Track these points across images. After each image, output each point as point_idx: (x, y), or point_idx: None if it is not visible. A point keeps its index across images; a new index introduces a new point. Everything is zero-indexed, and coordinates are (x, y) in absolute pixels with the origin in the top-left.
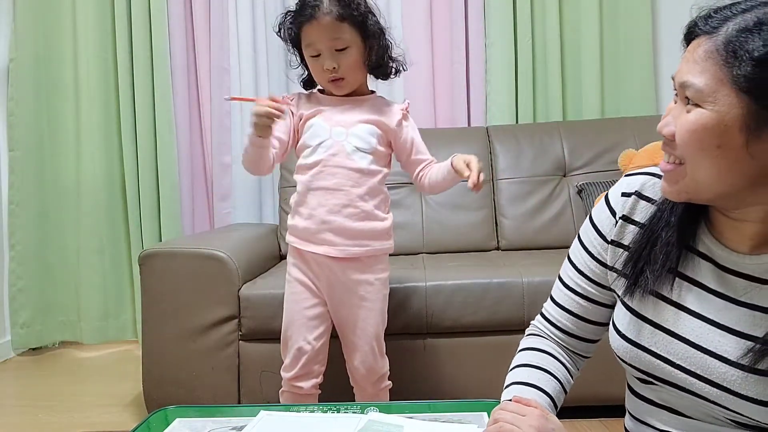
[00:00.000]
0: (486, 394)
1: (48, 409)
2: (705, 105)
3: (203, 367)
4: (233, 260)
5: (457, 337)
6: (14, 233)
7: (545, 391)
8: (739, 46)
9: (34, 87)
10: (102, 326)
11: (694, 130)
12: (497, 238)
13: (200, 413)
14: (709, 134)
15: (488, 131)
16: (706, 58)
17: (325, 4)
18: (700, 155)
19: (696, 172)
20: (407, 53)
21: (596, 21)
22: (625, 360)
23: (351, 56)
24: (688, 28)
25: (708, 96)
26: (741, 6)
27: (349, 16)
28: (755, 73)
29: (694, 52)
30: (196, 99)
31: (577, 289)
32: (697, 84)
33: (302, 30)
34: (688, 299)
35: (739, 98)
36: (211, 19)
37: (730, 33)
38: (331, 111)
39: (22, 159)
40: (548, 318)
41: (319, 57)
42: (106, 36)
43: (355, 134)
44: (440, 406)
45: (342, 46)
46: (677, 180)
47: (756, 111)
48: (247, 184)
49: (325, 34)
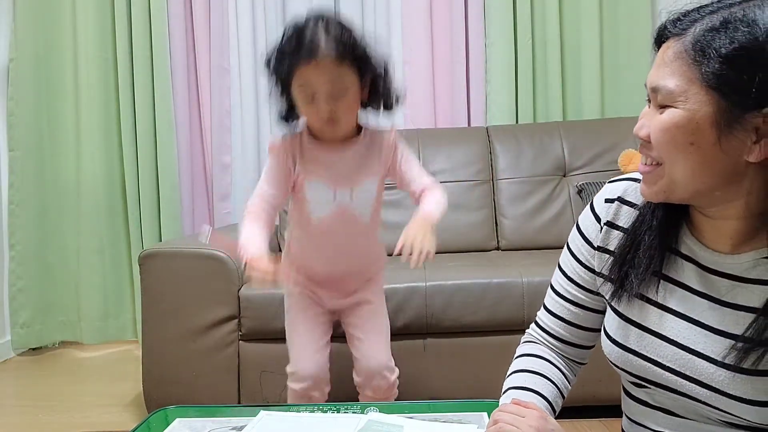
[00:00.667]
0: (486, 394)
1: (48, 409)
2: (676, 104)
3: (203, 367)
4: (233, 260)
5: (457, 337)
6: (14, 233)
7: (543, 395)
8: (706, 44)
9: (34, 87)
10: (102, 326)
11: (667, 129)
12: (497, 238)
13: (200, 413)
14: (681, 132)
15: (488, 131)
16: (675, 58)
17: (324, 43)
18: (674, 154)
19: (673, 172)
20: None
21: (596, 21)
22: (617, 364)
23: (349, 99)
24: (658, 32)
25: (679, 96)
26: (708, 8)
27: (350, 55)
28: (723, 70)
29: (663, 55)
30: (196, 99)
31: (568, 296)
32: (667, 86)
33: (296, 70)
34: (673, 301)
35: (708, 96)
36: (211, 19)
37: (698, 33)
38: (329, 165)
39: (22, 159)
40: (542, 326)
41: (313, 99)
42: (106, 36)
43: (359, 196)
44: (440, 406)
45: (340, 90)
46: (655, 181)
47: (725, 108)
48: (247, 184)
49: (322, 78)
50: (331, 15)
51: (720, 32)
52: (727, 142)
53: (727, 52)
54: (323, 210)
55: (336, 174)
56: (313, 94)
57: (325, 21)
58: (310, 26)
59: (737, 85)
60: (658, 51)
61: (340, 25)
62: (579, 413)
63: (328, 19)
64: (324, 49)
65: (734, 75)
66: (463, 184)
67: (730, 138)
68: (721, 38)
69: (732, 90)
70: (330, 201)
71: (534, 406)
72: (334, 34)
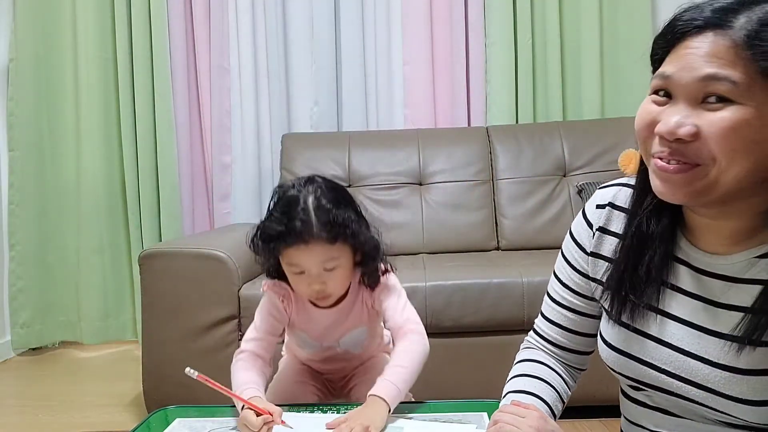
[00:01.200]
0: (486, 394)
1: (48, 409)
2: (741, 100)
3: (203, 367)
4: (233, 260)
5: (457, 338)
6: (14, 233)
7: (543, 399)
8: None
9: (34, 87)
10: (102, 326)
11: (733, 128)
12: (497, 238)
13: (200, 413)
14: (750, 131)
15: (488, 131)
16: (730, 52)
17: (315, 227)
18: (735, 153)
19: (727, 172)
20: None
21: (596, 21)
22: (615, 369)
23: (340, 273)
24: (680, 25)
25: (744, 91)
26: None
27: (342, 235)
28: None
29: (706, 47)
30: (196, 99)
31: (564, 303)
32: (732, 77)
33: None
34: (671, 305)
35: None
36: (211, 19)
37: (753, 26)
38: (312, 319)
39: (22, 159)
40: (540, 333)
41: (304, 274)
42: (106, 36)
43: (348, 341)
44: (440, 406)
45: (332, 267)
46: (692, 181)
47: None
48: (247, 184)
49: (314, 259)
50: (321, 185)
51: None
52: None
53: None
54: (312, 351)
55: (320, 328)
56: (302, 271)
57: (315, 196)
58: (300, 204)
59: None
60: (679, 44)
61: (331, 199)
62: (579, 413)
63: (318, 192)
64: (316, 231)
65: None
66: (463, 184)
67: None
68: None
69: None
70: (317, 347)
71: (534, 408)
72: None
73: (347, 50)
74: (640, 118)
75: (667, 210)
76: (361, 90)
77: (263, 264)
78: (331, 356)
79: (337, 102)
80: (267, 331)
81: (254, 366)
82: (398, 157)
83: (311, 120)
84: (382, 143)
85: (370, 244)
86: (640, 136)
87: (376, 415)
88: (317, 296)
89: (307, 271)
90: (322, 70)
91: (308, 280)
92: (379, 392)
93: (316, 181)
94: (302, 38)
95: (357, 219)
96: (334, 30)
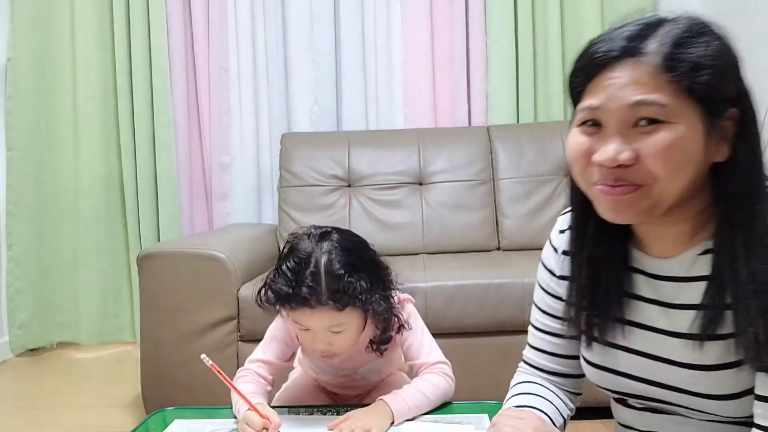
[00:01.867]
0: (487, 395)
1: (46, 410)
2: (671, 119)
3: (202, 367)
4: (232, 261)
5: (457, 338)
6: (12, 233)
7: (543, 411)
8: (682, 56)
9: (31, 86)
10: (100, 327)
11: (670, 147)
12: (498, 238)
13: (198, 414)
14: (685, 146)
15: (489, 131)
16: (651, 76)
17: (324, 294)
18: (674, 171)
19: (668, 188)
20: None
21: (597, 20)
22: (599, 385)
23: (347, 335)
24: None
25: (673, 110)
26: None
27: (351, 303)
28: (705, 79)
29: (627, 76)
30: (194, 98)
31: (545, 329)
32: (659, 100)
33: (292, 311)
34: (633, 314)
35: (697, 107)
36: (210, 19)
37: (667, 49)
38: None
39: (19, 159)
40: (530, 363)
41: (310, 332)
42: (104, 35)
43: (366, 372)
44: (441, 407)
45: (339, 331)
46: (638, 201)
47: (708, 116)
48: (246, 184)
49: (320, 323)
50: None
51: (691, 43)
52: (708, 148)
53: (705, 61)
54: (327, 377)
55: (336, 361)
56: (308, 329)
57: (329, 258)
58: (311, 266)
59: (717, 92)
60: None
61: (345, 263)
62: (580, 414)
63: (332, 254)
64: (324, 297)
65: (715, 81)
66: (463, 184)
67: (710, 144)
68: (695, 48)
69: (714, 97)
70: (332, 374)
71: (534, 413)
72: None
73: (347, 50)
74: (573, 151)
75: (612, 227)
76: (361, 90)
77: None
78: (347, 383)
79: (336, 102)
80: (275, 355)
81: (257, 382)
82: (398, 157)
83: (311, 119)
84: (382, 143)
85: (382, 313)
86: (577, 167)
87: (379, 417)
88: (322, 354)
89: (312, 330)
90: (321, 69)
91: (313, 338)
92: (388, 400)
93: (331, 238)
94: (302, 38)
95: (369, 287)
96: (333, 30)
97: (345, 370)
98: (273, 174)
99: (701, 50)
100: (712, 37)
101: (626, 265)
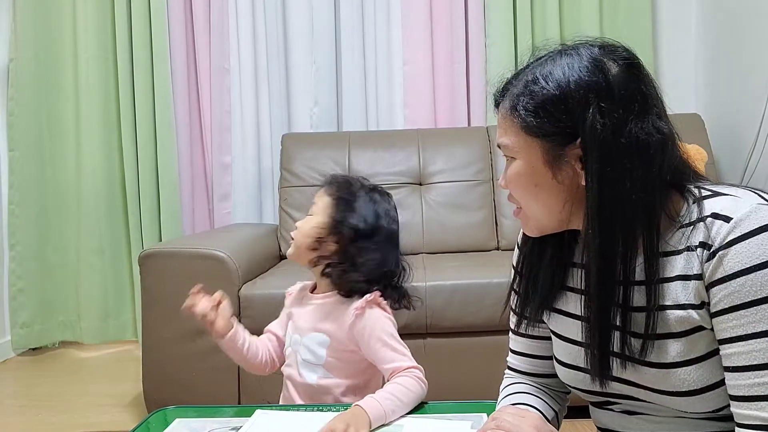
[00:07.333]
0: (485, 395)
1: (48, 409)
2: (517, 155)
3: (203, 367)
4: (233, 260)
5: (457, 338)
6: (14, 233)
7: (538, 409)
8: (518, 104)
9: (34, 87)
10: (102, 326)
11: (514, 178)
12: (497, 238)
13: (200, 413)
14: (526, 178)
15: (488, 131)
16: (504, 119)
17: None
18: (526, 197)
19: (530, 211)
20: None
21: (596, 21)
22: (570, 384)
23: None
24: (494, 100)
25: (515, 148)
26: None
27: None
28: (535, 121)
29: (497, 117)
30: (196, 99)
31: (522, 332)
32: (504, 141)
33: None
34: (576, 308)
35: (534, 142)
36: (211, 19)
37: (512, 96)
38: (299, 312)
39: (21, 159)
40: (514, 368)
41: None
42: (106, 36)
43: (305, 344)
44: (439, 406)
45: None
46: (526, 221)
47: (549, 148)
48: (247, 184)
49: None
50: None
51: (524, 93)
52: (560, 174)
53: (533, 107)
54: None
55: (297, 321)
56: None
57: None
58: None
59: (550, 128)
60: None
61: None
62: (579, 413)
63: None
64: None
65: (545, 121)
66: (463, 184)
67: (561, 171)
68: (525, 98)
69: (547, 133)
70: (289, 343)
71: (534, 413)
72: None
73: (347, 50)
74: None
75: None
76: (361, 90)
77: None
78: (307, 391)
79: (337, 102)
80: (272, 325)
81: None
82: (398, 157)
83: (311, 120)
84: (382, 143)
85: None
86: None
87: (357, 419)
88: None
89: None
90: (322, 70)
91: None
92: (365, 405)
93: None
94: (302, 38)
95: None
96: (334, 30)
97: (299, 334)
98: (274, 174)
99: (538, 96)
100: (554, 84)
101: (566, 261)
